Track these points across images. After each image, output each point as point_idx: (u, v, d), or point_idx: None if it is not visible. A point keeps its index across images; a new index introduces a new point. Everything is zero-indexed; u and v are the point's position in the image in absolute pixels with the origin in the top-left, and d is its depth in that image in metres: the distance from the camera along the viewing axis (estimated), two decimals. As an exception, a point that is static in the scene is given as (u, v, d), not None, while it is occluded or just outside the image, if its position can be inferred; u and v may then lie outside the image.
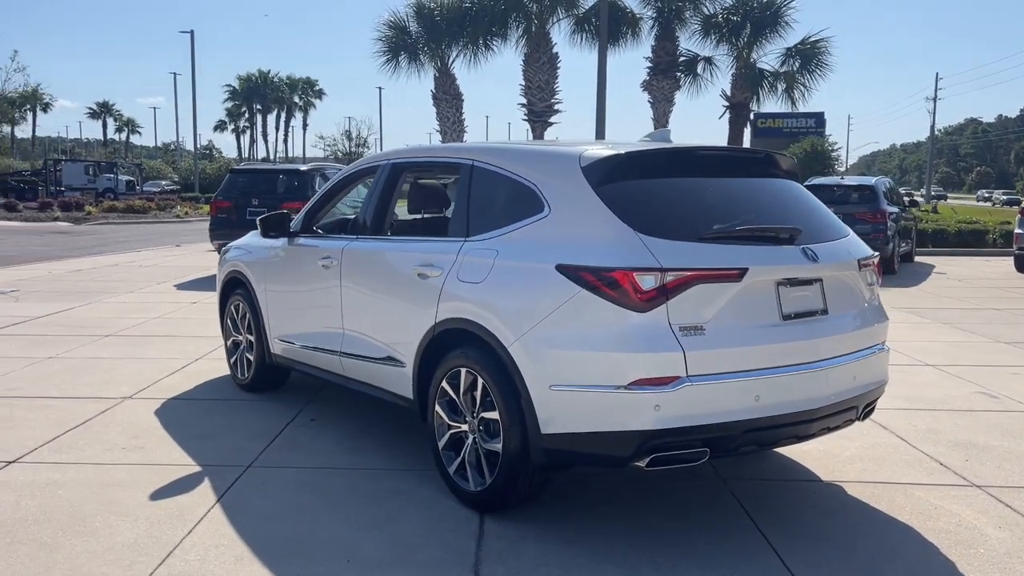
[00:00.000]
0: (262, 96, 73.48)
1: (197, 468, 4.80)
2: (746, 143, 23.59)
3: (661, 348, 3.59)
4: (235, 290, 6.63)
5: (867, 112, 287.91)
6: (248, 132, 76.72)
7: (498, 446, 4.02)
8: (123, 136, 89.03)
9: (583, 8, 23.43)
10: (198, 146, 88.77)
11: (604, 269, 3.65)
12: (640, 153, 4.18)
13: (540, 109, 23.09)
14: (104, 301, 11.28)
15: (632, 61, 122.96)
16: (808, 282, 4.01)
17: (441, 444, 4.42)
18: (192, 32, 45.77)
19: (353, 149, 61.33)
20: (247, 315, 6.44)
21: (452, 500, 4.33)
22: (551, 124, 23.90)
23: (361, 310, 5.12)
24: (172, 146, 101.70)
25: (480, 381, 4.10)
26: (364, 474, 4.76)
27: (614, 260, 3.66)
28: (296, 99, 76.27)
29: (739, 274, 3.73)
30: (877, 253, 4.55)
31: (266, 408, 6.09)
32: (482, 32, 22.87)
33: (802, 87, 21.53)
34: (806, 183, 17.01)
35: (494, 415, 4.03)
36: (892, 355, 4.69)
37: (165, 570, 3.55)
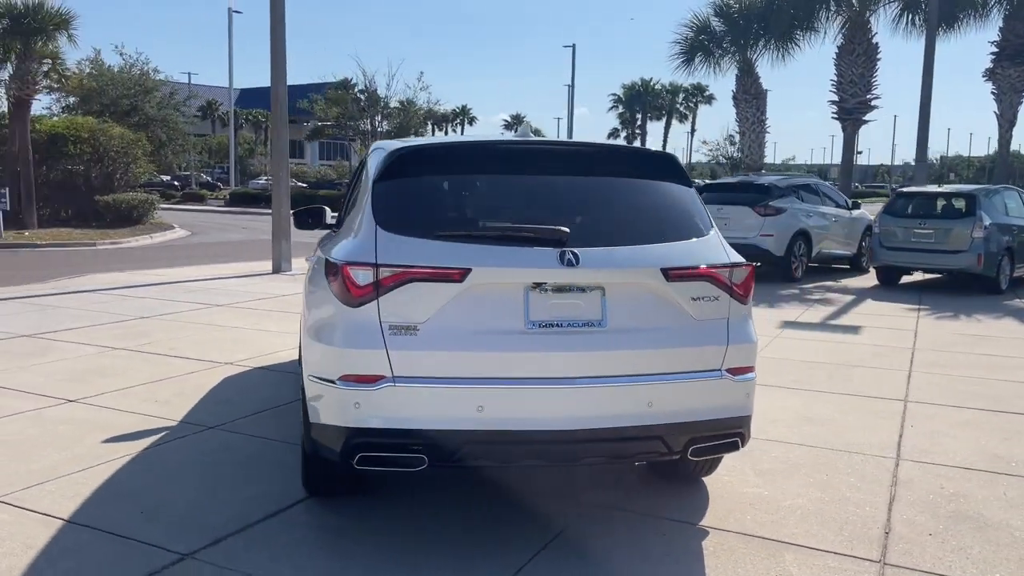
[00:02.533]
0: (643, 103, 76.09)
1: (171, 424, 5.58)
2: None
3: (364, 345, 3.50)
4: (318, 277, 7.39)
5: None
6: (639, 139, 79.93)
7: None
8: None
9: (913, -11, 20.64)
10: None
11: (336, 263, 3.65)
12: (424, 148, 4.04)
13: (852, 106, 20.71)
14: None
15: (971, 47, 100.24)
16: (578, 289, 3.56)
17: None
18: (573, 46, 48.80)
19: (735, 154, 60.35)
20: None
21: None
22: (865, 122, 21.22)
23: None
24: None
25: None
26: (284, 447, 5.14)
27: (344, 255, 3.65)
28: (679, 105, 77.72)
29: (460, 274, 3.47)
30: (727, 263, 3.78)
31: (312, 384, 6.73)
32: (787, 26, 21.30)
33: None
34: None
35: None
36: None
37: (24, 493, 4.32)
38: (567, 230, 3.57)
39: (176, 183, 54.15)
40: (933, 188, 15.36)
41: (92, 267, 15.62)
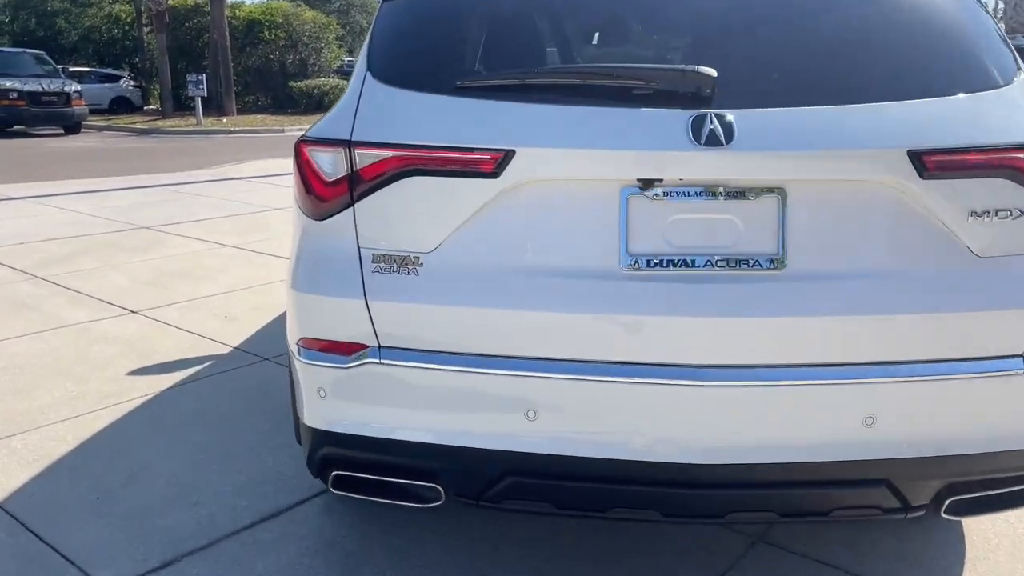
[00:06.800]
0: None
1: (222, 351, 4.41)
2: None
3: (332, 290, 2.00)
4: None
5: None
6: None
7: None
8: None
9: None
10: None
11: (298, 142, 2.13)
12: None
13: None
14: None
15: None
16: (731, 193, 1.83)
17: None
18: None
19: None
20: None
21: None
22: None
23: None
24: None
25: None
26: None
27: (316, 128, 2.12)
28: None
29: (495, 160, 1.84)
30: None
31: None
32: None
33: None
34: None
35: None
36: None
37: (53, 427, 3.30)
38: (712, 73, 1.83)
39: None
40: None
41: (262, 153, 15.17)
